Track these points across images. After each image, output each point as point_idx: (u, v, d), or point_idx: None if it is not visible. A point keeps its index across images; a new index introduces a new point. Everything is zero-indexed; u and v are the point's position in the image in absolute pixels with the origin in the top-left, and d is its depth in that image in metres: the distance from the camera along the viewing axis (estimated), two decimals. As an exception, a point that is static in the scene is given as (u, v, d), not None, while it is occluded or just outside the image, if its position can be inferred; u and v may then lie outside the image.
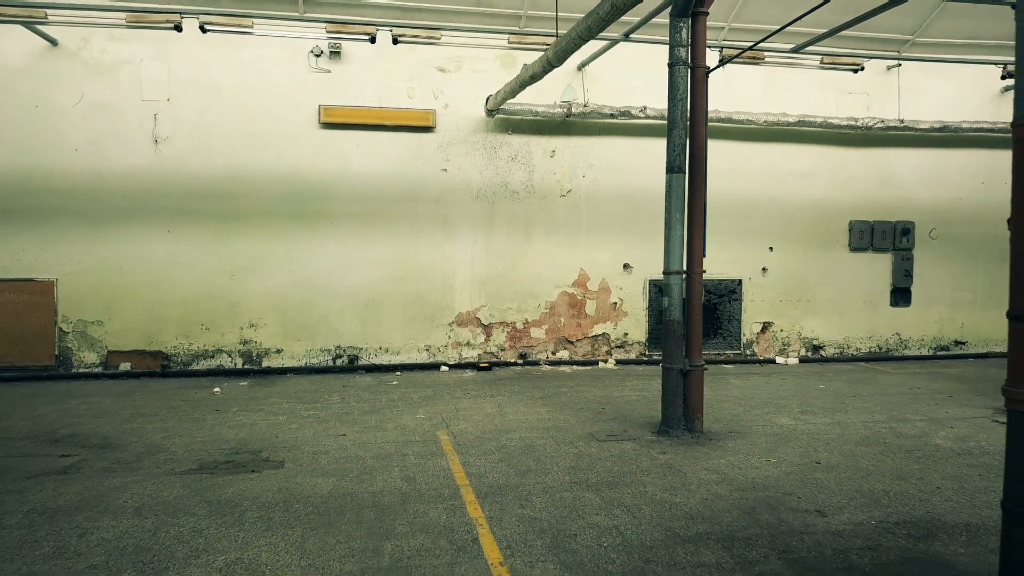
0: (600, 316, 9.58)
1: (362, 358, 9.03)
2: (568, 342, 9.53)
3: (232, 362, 8.78)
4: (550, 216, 9.40)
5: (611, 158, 9.53)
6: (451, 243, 9.18)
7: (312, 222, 8.85)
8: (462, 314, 9.25)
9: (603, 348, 9.61)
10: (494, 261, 9.28)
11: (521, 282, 9.36)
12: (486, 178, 9.24)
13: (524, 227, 9.34)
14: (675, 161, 6.06)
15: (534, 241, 9.37)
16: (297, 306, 8.86)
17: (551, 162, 9.40)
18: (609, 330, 9.61)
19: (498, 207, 9.27)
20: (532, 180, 9.35)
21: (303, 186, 8.82)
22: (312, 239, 8.86)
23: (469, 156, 9.19)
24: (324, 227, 8.88)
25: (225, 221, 8.68)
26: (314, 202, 8.85)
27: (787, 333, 10.11)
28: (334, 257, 8.91)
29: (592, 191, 9.50)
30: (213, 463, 5.35)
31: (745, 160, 9.80)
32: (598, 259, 9.54)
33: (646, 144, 9.57)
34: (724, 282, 9.90)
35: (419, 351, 9.16)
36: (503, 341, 9.36)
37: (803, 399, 7.65)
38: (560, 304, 9.46)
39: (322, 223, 8.87)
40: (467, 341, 9.28)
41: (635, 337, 9.68)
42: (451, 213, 9.17)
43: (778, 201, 9.97)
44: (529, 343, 9.42)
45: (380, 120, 8.94)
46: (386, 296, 9.04)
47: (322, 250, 8.89)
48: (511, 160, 9.30)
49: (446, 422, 6.54)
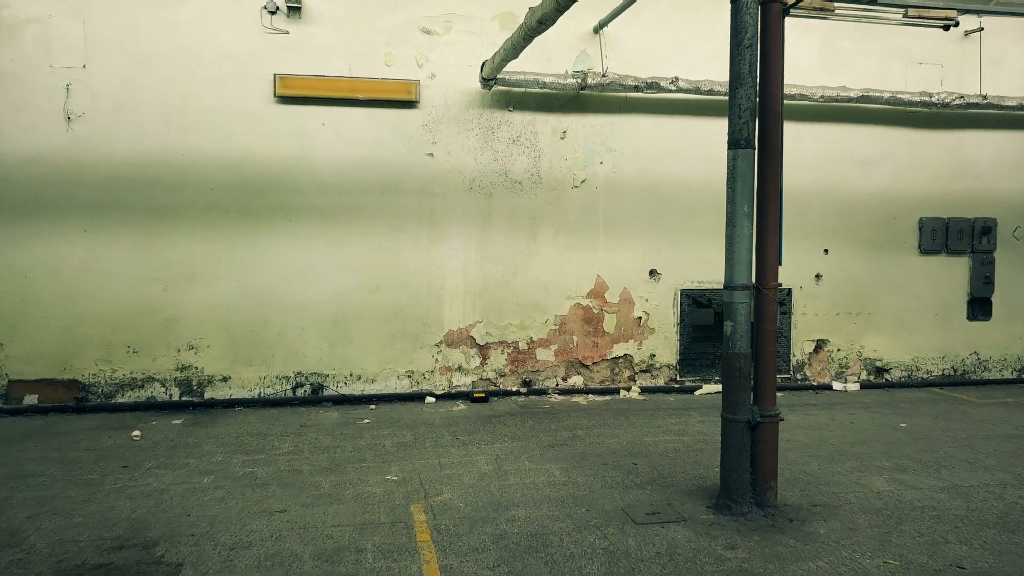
0: (621, 334, 7.88)
1: (328, 387, 7.33)
2: (582, 366, 7.82)
3: (166, 393, 7.08)
4: (560, 211, 7.70)
5: (635, 140, 7.82)
6: (439, 245, 7.48)
7: (267, 219, 7.15)
8: (452, 332, 7.54)
9: (625, 373, 7.91)
10: (492, 267, 7.59)
11: (525, 292, 7.65)
12: (482, 165, 7.54)
13: (528, 225, 7.64)
14: (741, 132, 4.37)
15: (541, 242, 7.67)
16: (248, 323, 7.16)
17: (561, 145, 7.69)
18: (632, 351, 7.91)
19: (497, 200, 7.57)
20: (538, 167, 7.64)
21: (255, 175, 7.12)
22: (267, 240, 7.16)
23: (461, 138, 7.49)
24: (282, 225, 7.18)
25: (158, 218, 6.98)
26: (269, 194, 7.15)
27: (845, 353, 8.40)
28: (294, 262, 7.21)
29: (611, 181, 7.79)
30: (78, 570, 3.65)
31: (796, 144, 8.07)
32: (619, 264, 7.84)
33: (678, 124, 7.86)
34: (770, 291, 8.18)
35: (399, 378, 7.46)
36: (503, 365, 7.65)
37: (888, 445, 5.94)
38: (572, 319, 7.76)
39: (279, 220, 7.17)
40: (458, 365, 7.57)
41: (663, 359, 7.98)
42: (439, 208, 7.47)
43: (834, 194, 8.26)
44: (535, 367, 7.72)
45: (350, 93, 7.24)
46: (359, 310, 7.34)
47: (279, 254, 7.19)
48: (512, 143, 7.60)
49: (425, 489, 4.84)
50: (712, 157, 7.92)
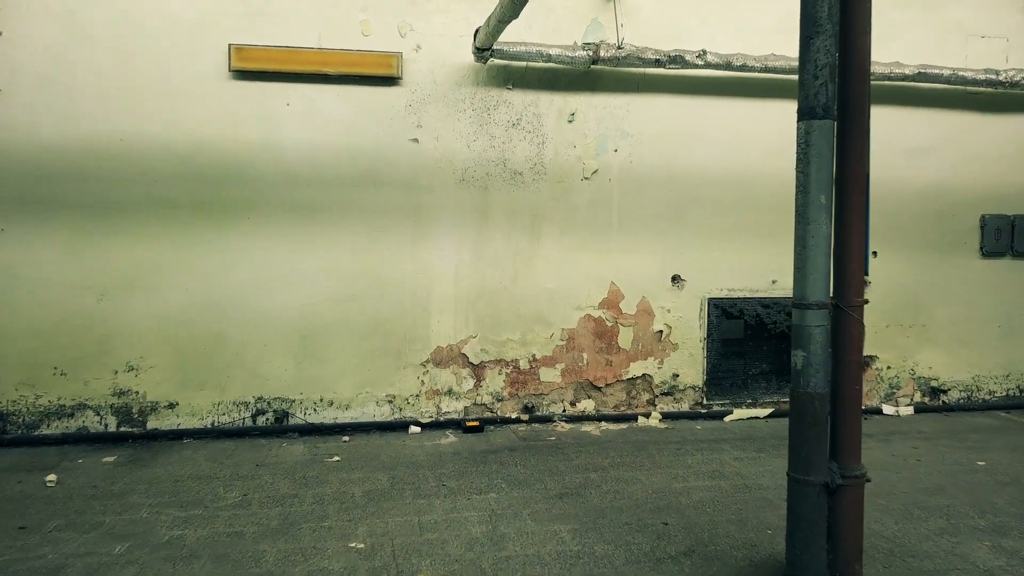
0: (639, 350, 6.76)
1: (295, 413, 6.22)
2: (594, 388, 6.70)
3: (101, 423, 5.97)
4: (568, 207, 6.59)
5: (655, 125, 6.71)
6: (426, 246, 6.37)
7: (222, 217, 6.05)
8: (442, 349, 6.43)
9: (643, 396, 6.79)
10: (488, 272, 6.47)
11: (526, 302, 6.54)
12: (476, 153, 6.43)
13: (530, 223, 6.53)
14: (818, 97, 3.25)
15: (545, 243, 6.56)
16: (200, 340, 6.05)
17: (569, 130, 6.58)
18: (652, 370, 6.79)
19: (493, 195, 6.46)
20: (542, 156, 6.53)
21: (209, 164, 6.01)
22: (223, 241, 6.05)
23: (451, 121, 6.38)
24: (240, 224, 6.07)
25: (92, 215, 5.87)
26: (225, 187, 6.04)
27: (896, 371, 7.28)
28: (255, 267, 6.10)
29: (628, 171, 6.68)
30: None
31: (840, 129, 6.97)
32: (636, 269, 6.73)
33: (705, 105, 6.75)
34: (809, 300, 7.07)
35: (378, 403, 6.34)
36: (500, 387, 6.54)
37: (972, 494, 4.83)
38: (582, 334, 6.65)
39: (237, 218, 6.07)
40: (448, 388, 6.46)
41: (688, 379, 6.86)
42: (426, 204, 6.36)
43: (883, 187, 7.13)
44: (538, 390, 6.61)
45: (321, 67, 6.13)
46: (332, 324, 6.23)
47: (237, 257, 6.08)
48: (512, 127, 6.49)
49: (398, 563, 3.73)
50: (745, 144, 6.81)
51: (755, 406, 6.95)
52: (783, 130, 6.83)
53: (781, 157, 6.81)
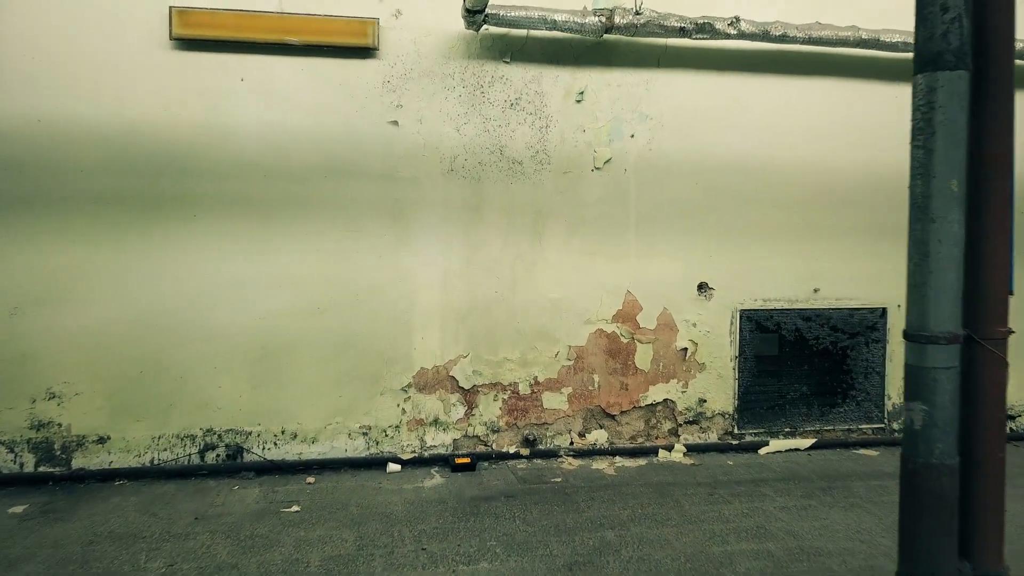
0: (660, 372, 5.76)
1: (252, 448, 5.22)
2: (606, 416, 5.70)
3: (15, 461, 4.97)
4: (576, 202, 5.59)
5: (678, 106, 5.71)
6: (408, 250, 5.37)
7: (163, 215, 5.05)
8: (426, 371, 5.42)
9: (664, 425, 5.79)
10: (482, 280, 5.47)
11: (527, 315, 5.54)
12: (467, 138, 5.43)
13: (532, 222, 5.53)
14: (947, 39, 2.24)
15: (549, 245, 5.56)
16: (137, 361, 5.05)
17: (578, 112, 5.58)
18: (674, 394, 5.78)
19: (488, 188, 5.46)
20: (546, 142, 5.53)
21: (146, 152, 5.02)
22: (164, 244, 5.05)
23: (438, 100, 5.38)
24: (185, 223, 5.08)
25: (2, 213, 4.88)
26: (166, 179, 5.05)
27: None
28: (204, 275, 5.10)
29: (646, 160, 5.68)
30: None
31: (884, 106, 5.97)
32: (656, 276, 5.72)
33: (738, 84, 5.75)
34: (856, 313, 6.07)
35: (351, 436, 5.34)
36: (496, 416, 5.54)
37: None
38: (593, 352, 5.64)
39: (181, 217, 5.07)
40: (434, 418, 5.46)
41: (716, 405, 5.85)
42: (408, 198, 5.36)
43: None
44: (540, 419, 5.60)
45: (282, 35, 5.13)
46: (295, 342, 5.23)
47: (181, 263, 5.08)
48: (510, 107, 5.49)
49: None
50: (785, 129, 5.81)
51: (794, 435, 5.95)
52: (829, 113, 5.84)
53: (826, 144, 5.82)
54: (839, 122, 5.91)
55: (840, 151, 5.92)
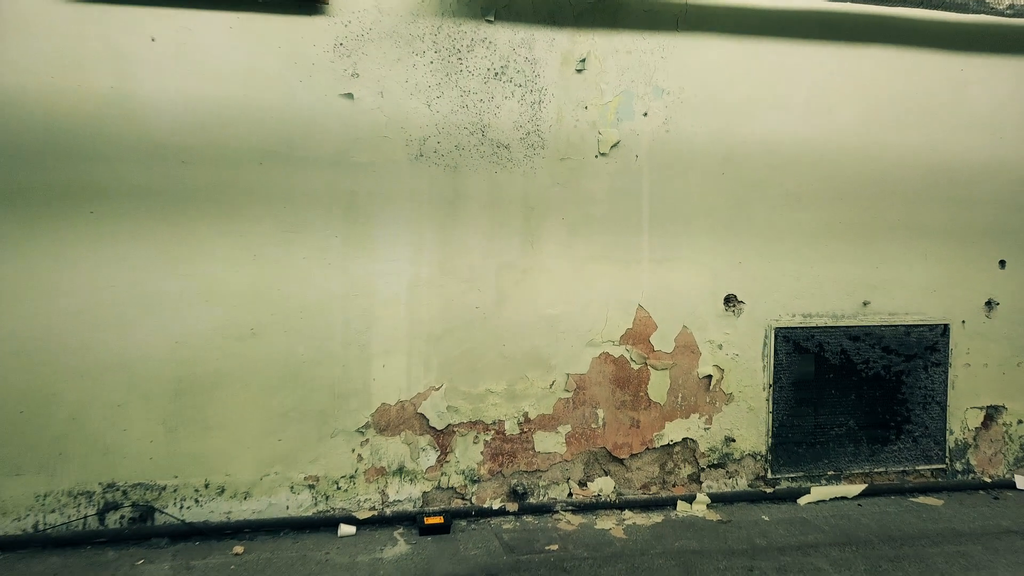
0: (678, 404, 4.70)
1: (166, 506, 4.14)
2: (613, 460, 4.65)
3: None
4: (577, 197, 4.52)
5: (703, 78, 4.64)
6: (366, 255, 4.29)
7: (54, 212, 3.95)
8: (388, 408, 4.35)
9: (683, 470, 4.74)
10: (459, 293, 4.40)
11: (516, 336, 4.47)
12: (441, 116, 4.34)
13: (523, 221, 4.45)
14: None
15: (544, 250, 4.49)
16: (16, 398, 3.96)
17: (578, 84, 4.50)
18: (696, 432, 4.73)
19: (467, 178, 4.38)
20: (539, 121, 4.45)
21: (26, 130, 3.91)
22: (54, 250, 3.95)
23: (404, 68, 4.29)
24: (82, 223, 3.98)
25: None
26: (54, 166, 3.95)
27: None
28: (103, 288, 4.01)
29: (663, 145, 4.61)
30: None
31: (955, 91, 4.94)
32: (674, 286, 4.66)
33: (777, 53, 4.69)
34: (913, 331, 5.03)
35: (294, 489, 4.26)
36: (476, 463, 4.47)
37: None
38: (597, 381, 4.58)
39: (73, 213, 3.97)
40: (399, 466, 4.38)
41: (747, 444, 4.81)
42: (366, 190, 4.27)
43: (1013, 171, 5.11)
44: (531, 465, 4.54)
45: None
46: (222, 372, 4.14)
47: (74, 273, 3.98)
48: (494, 78, 4.40)
49: None
50: (833, 109, 4.76)
51: (839, 480, 4.92)
52: (887, 89, 4.79)
53: (883, 127, 4.77)
54: (897, 100, 4.86)
55: (897, 134, 4.87)
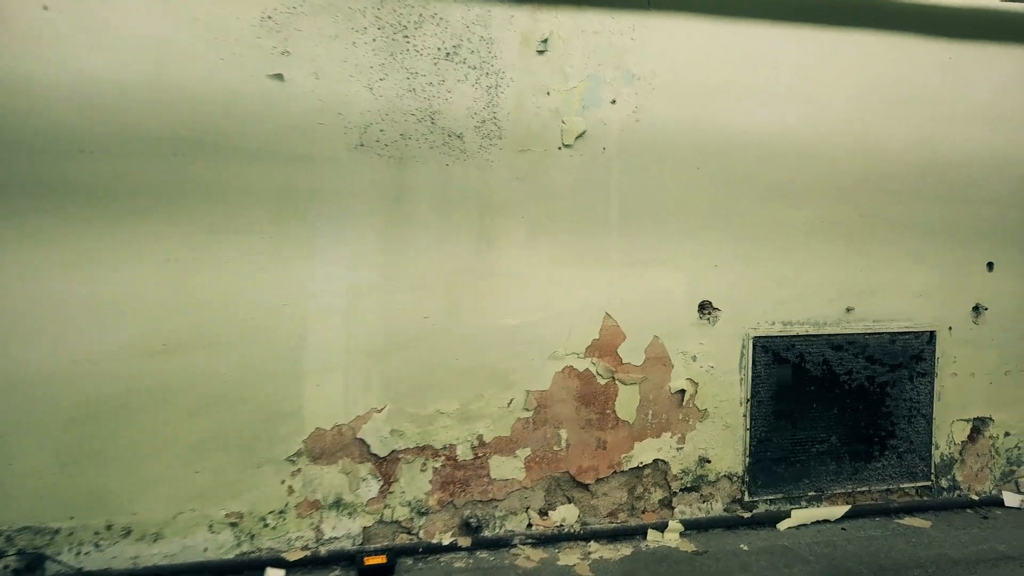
0: (648, 422, 4.28)
1: (59, 553, 3.57)
2: (577, 485, 4.20)
3: None
4: (538, 193, 4.04)
5: (678, 62, 4.19)
6: (299, 259, 3.75)
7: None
8: (324, 433, 3.83)
9: (654, 495, 4.32)
10: (406, 302, 3.89)
11: (471, 350, 3.98)
12: (385, 101, 3.82)
13: (478, 219, 3.96)
14: None
15: (502, 252, 4.01)
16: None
17: (540, 66, 4.02)
18: (668, 453, 4.31)
19: (415, 171, 3.87)
20: (496, 108, 3.96)
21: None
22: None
23: (341, 47, 3.75)
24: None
25: None
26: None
27: (1017, 439, 4.96)
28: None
29: (634, 136, 4.15)
30: None
31: (945, 77, 4.58)
32: (644, 292, 4.22)
33: (764, 34, 4.26)
34: (899, 339, 4.68)
35: (214, 528, 3.72)
36: (425, 493, 3.98)
37: None
38: (560, 398, 4.13)
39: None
40: (336, 498, 3.87)
41: (722, 464, 4.40)
42: (299, 186, 3.73)
43: (1008, 166, 4.79)
44: (487, 493, 4.07)
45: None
46: (131, 394, 3.58)
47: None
48: (445, 58, 3.89)
49: None
50: (820, 98, 4.35)
51: (821, 501, 4.55)
52: (876, 77, 4.41)
53: (872, 119, 4.39)
54: (885, 89, 4.48)
55: (886, 126, 4.49)
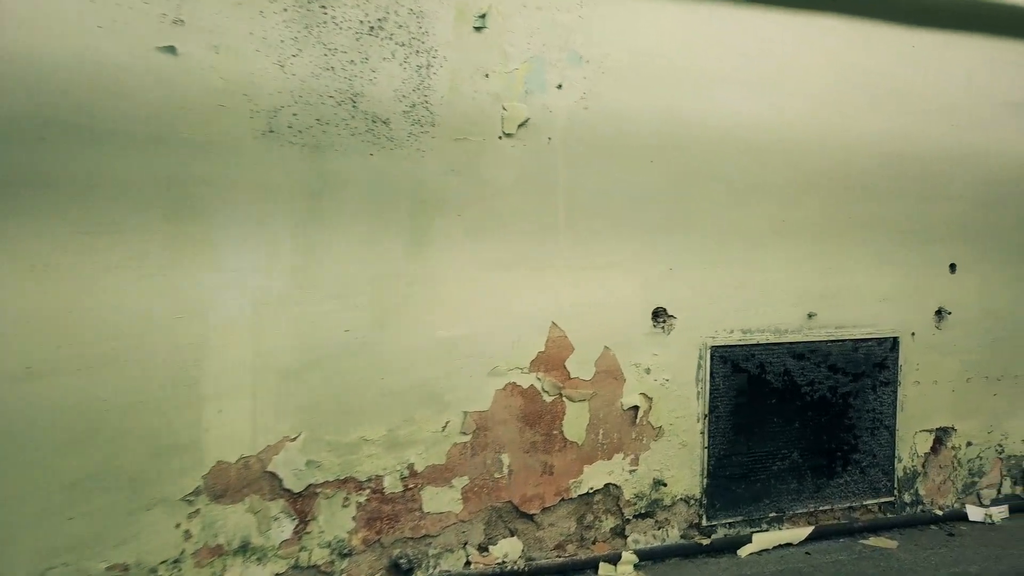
0: (599, 443, 3.87)
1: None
2: (521, 515, 3.77)
3: None
4: (477, 188, 3.57)
5: (633, 44, 3.77)
6: (197, 262, 3.20)
7: None
8: (227, 466, 3.30)
9: (605, 523, 3.92)
10: (325, 313, 3.38)
11: (401, 368, 3.50)
12: (298, 81, 3.29)
13: (409, 218, 3.48)
14: None
15: (437, 255, 3.53)
16: None
17: (477, 46, 3.55)
18: (620, 476, 3.92)
19: (335, 162, 3.36)
20: (427, 91, 3.48)
21: None
22: None
23: (245, 16, 3.21)
24: None
25: None
26: None
27: (979, 448, 4.74)
28: None
29: (582, 125, 3.72)
30: None
31: (912, 70, 4.30)
32: (595, 299, 3.81)
33: (723, 16, 3.87)
34: (862, 346, 4.39)
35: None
36: (348, 531, 3.49)
37: None
38: (502, 419, 3.68)
39: None
40: (242, 542, 3.35)
41: (679, 487, 4.04)
42: (196, 177, 3.18)
43: (972, 163, 4.54)
44: (419, 529, 3.60)
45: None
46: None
47: None
48: (369, 33, 3.39)
49: None
50: (787, 87, 4.00)
51: (782, 522, 4.23)
52: (846, 67, 4.08)
53: (841, 111, 4.06)
54: (855, 78, 4.16)
55: (855, 119, 4.18)
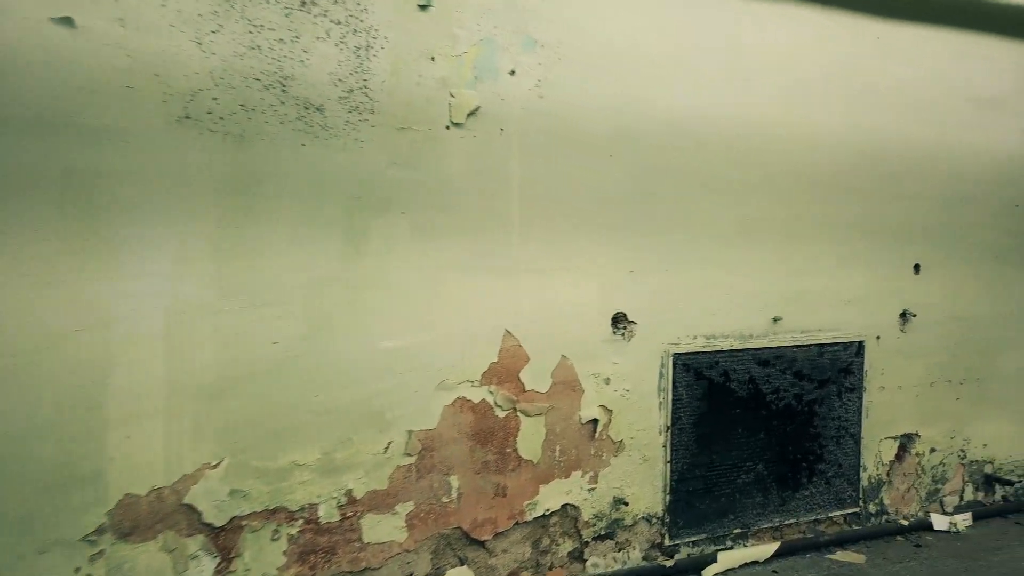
0: (555, 461, 3.59)
1: None
2: (471, 542, 3.46)
3: None
4: (423, 182, 3.24)
5: (592, 28, 3.48)
6: (103, 267, 2.79)
7: None
8: (138, 501, 2.90)
9: (563, 546, 3.64)
10: (251, 323, 3.00)
11: (337, 383, 3.14)
12: (219, 60, 2.90)
13: (345, 215, 3.12)
14: None
15: (377, 256, 3.18)
16: None
17: (423, 26, 3.21)
18: (578, 496, 3.64)
19: (260, 152, 2.98)
20: (367, 75, 3.12)
21: None
22: None
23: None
24: None
25: None
26: None
27: (942, 455, 4.61)
28: None
29: (537, 115, 3.42)
30: None
31: (877, 62, 4.12)
32: (551, 304, 3.52)
33: (697, 4, 3.63)
34: (827, 351, 4.20)
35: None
36: (278, 568, 3.13)
37: None
38: (450, 438, 3.36)
39: None
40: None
41: (640, 505, 3.78)
42: (101, 169, 2.77)
43: (937, 161, 4.39)
44: (358, 562, 3.26)
45: None
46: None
47: None
48: (300, 8, 3.02)
49: None
50: (753, 78, 3.76)
51: (747, 539, 4.02)
52: (815, 58, 3.87)
53: (808, 104, 3.85)
54: (822, 71, 3.96)
55: (824, 112, 3.98)
